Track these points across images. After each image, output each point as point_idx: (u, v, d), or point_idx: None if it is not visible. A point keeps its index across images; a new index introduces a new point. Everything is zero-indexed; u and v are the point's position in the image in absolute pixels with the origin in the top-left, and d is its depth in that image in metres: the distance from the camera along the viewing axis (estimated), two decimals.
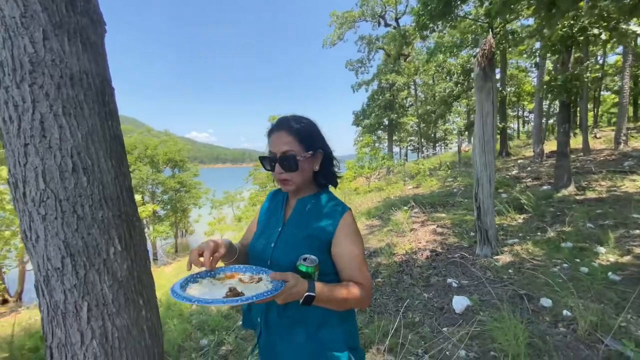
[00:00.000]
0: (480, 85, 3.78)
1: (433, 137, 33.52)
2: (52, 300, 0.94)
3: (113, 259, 1.00)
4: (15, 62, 0.85)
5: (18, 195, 0.91)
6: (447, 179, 11.84)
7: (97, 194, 0.97)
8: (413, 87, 27.34)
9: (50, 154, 0.89)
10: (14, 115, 0.87)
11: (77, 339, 0.95)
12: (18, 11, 0.85)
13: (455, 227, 5.55)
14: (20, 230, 0.96)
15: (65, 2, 0.92)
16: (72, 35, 0.93)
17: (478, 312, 2.57)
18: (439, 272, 3.63)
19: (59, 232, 0.91)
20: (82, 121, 0.94)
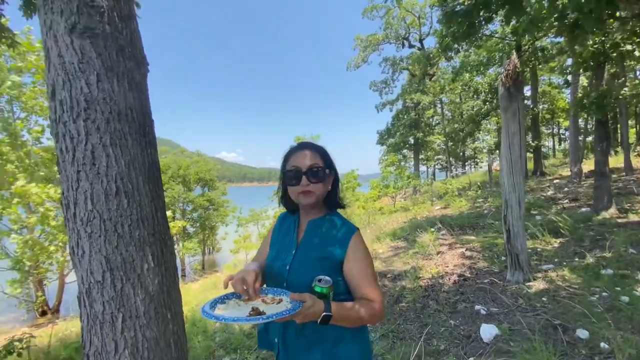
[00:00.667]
0: (506, 105, 3.73)
1: (462, 156, 32.66)
2: (92, 310, 1.04)
3: (146, 274, 1.10)
4: (73, 100, 1.00)
5: (69, 215, 1.04)
6: (477, 200, 11.42)
7: (135, 214, 1.08)
8: (439, 105, 27.07)
9: (98, 179, 1.02)
10: (70, 146, 1.01)
11: (112, 347, 1.04)
12: (76, 57, 1.01)
13: (485, 250, 5.32)
14: (69, 246, 1.09)
15: (116, 49, 1.08)
16: (121, 77, 1.08)
17: (508, 342, 2.43)
18: (467, 298, 3.48)
19: (102, 248, 1.03)
20: (125, 150, 1.07)
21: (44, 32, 1.02)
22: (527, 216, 6.86)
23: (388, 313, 3.41)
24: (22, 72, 10.69)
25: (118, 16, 1.09)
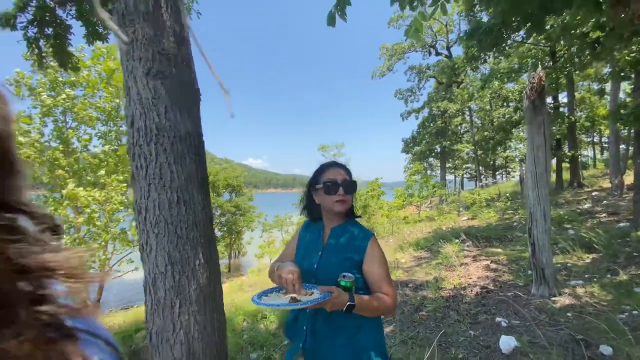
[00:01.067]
0: (530, 118, 3.74)
1: (492, 165, 31.49)
2: (156, 296, 1.29)
3: (198, 269, 1.33)
4: (147, 128, 1.27)
5: (141, 219, 1.30)
6: (507, 211, 11.06)
7: (191, 219, 1.32)
8: (468, 113, 26.44)
9: (164, 191, 1.27)
10: (144, 164, 1.27)
11: (170, 327, 1.28)
12: (150, 94, 1.28)
13: (511, 263, 5.22)
14: (139, 243, 1.35)
15: (179, 86, 1.34)
16: (182, 108, 1.33)
17: (527, 355, 2.46)
18: (488, 310, 3.49)
19: (165, 246, 1.27)
20: (185, 167, 1.32)
21: (126, 75, 1.30)
22: (559, 230, 6.63)
23: (408, 321, 3.49)
24: (75, 86, 11.81)
25: (180, 60, 1.35)
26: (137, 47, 1.25)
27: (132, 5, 1.25)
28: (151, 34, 1.26)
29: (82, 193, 10.12)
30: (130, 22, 1.25)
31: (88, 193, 10.24)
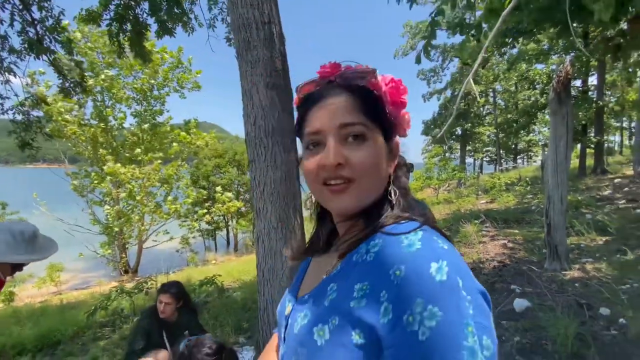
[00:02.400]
0: (555, 109, 4.03)
1: (514, 149, 30.95)
2: (269, 244, 1.84)
3: (296, 227, 1.87)
4: (267, 126, 1.77)
5: (259, 190, 1.83)
6: (526, 196, 11.26)
7: (292, 192, 1.84)
8: (492, 94, 25.83)
9: (277, 170, 1.79)
10: (263, 152, 1.78)
11: (279, 267, 1.83)
12: (269, 101, 1.77)
13: (528, 243, 5.62)
14: (256, 208, 1.88)
15: (286, 95, 1.82)
16: (287, 111, 1.82)
17: (537, 313, 2.95)
18: (504, 280, 3.97)
19: (277, 209, 1.80)
20: (288, 154, 1.82)
21: (249, 86, 1.79)
22: (576, 214, 6.92)
23: None
24: (112, 66, 12.45)
25: (286, 73, 1.83)
26: (259, 65, 1.73)
27: (255, 34, 1.72)
28: (268, 56, 1.74)
29: (121, 170, 10.99)
30: (254, 47, 1.73)
31: (127, 170, 11.10)
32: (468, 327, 0.40)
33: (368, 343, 0.44)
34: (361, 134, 0.52)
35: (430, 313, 0.40)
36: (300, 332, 0.52)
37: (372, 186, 0.54)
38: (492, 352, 0.42)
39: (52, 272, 11.10)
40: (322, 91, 0.55)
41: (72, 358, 3.32)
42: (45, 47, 3.56)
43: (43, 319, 4.82)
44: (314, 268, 0.65)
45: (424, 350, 0.39)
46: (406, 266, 0.44)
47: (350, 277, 0.50)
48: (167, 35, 4.00)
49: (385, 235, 0.50)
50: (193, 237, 15.44)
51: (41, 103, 5.02)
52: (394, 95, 0.56)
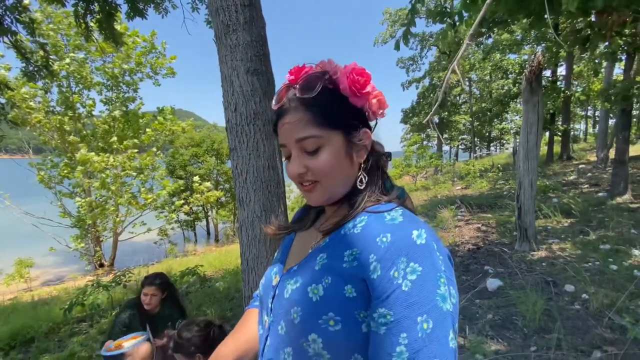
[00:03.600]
0: (527, 98, 4.20)
1: (487, 137, 32.05)
2: (252, 233, 1.83)
3: (280, 215, 1.87)
4: (248, 112, 1.74)
5: (241, 179, 1.81)
6: (498, 182, 11.76)
7: (276, 180, 1.83)
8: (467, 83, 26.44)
9: (259, 158, 1.77)
10: (245, 139, 1.75)
11: (263, 254, 1.84)
12: (249, 87, 1.73)
13: (500, 226, 5.91)
14: (238, 197, 1.86)
15: (267, 80, 1.79)
16: (269, 96, 1.79)
17: (507, 291, 3.14)
18: (478, 262, 4.17)
19: (260, 198, 1.79)
20: (272, 142, 1.80)
21: (229, 72, 1.74)
22: (544, 198, 7.32)
23: None
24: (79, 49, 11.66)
25: (267, 59, 1.79)
26: (238, 50, 1.69)
27: (234, 17, 1.67)
28: (248, 40, 1.69)
29: (95, 158, 10.48)
30: (234, 31, 1.67)
31: (101, 158, 10.60)
32: (441, 279, 0.50)
33: (359, 295, 0.53)
34: (315, 144, 0.59)
35: (412, 269, 0.50)
36: (293, 295, 0.59)
37: (335, 183, 0.62)
38: (457, 300, 0.53)
39: (20, 268, 10.56)
40: (283, 109, 0.61)
41: (48, 355, 3.21)
42: (6, 28, 3.29)
43: (14, 316, 4.61)
44: (298, 244, 0.72)
45: (407, 298, 0.49)
46: (392, 234, 0.53)
47: (339, 247, 0.58)
48: (138, 17, 3.79)
49: (370, 213, 0.59)
50: (172, 229, 15.09)
51: (4, 89, 4.65)
52: (355, 88, 0.59)
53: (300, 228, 0.74)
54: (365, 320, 0.52)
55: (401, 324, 0.48)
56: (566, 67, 15.56)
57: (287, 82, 0.63)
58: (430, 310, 0.48)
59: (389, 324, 0.49)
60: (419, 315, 0.48)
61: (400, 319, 0.48)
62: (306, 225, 0.73)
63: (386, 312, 0.49)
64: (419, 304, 0.48)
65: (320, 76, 0.60)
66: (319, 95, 0.58)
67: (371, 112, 0.63)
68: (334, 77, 0.60)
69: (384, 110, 0.65)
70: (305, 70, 0.62)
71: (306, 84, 0.59)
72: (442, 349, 0.47)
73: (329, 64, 0.62)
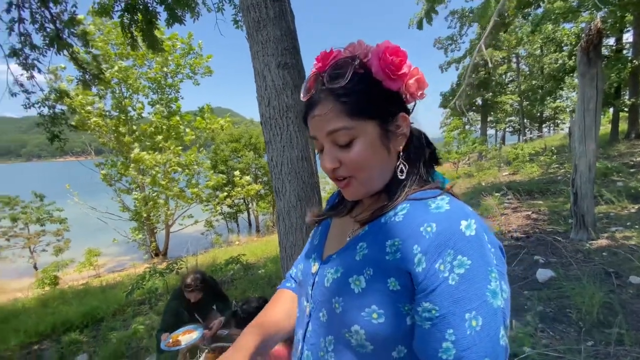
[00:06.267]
0: (583, 71, 3.79)
1: (539, 117, 29.46)
2: (289, 222, 1.89)
3: (315, 204, 1.91)
4: (281, 106, 1.78)
5: (277, 171, 1.87)
6: (552, 165, 10.83)
7: (309, 171, 1.87)
8: (515, 60, 24.40)
9: (293, 150, 1.81)
10: (278, 132, 1.80)
11: (300, 242, 1.89)
12: (281, 81, 1.77)
13: (553, 214, 5.47)
14: (274, 188, 1.93)
15: (297, 73, 1.81)
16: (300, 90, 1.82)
17: (561, 282, 2.92)
18: (528, 251, 3.91)
19: (295, 188, 1.84)
20: (304, 133, 1.84)
21: (261, 67, 1.79)
22: (606, 182, 6.62)
23: None
24: (125, 57, 12.60)
25: (297, 52, 1.81)
26: (269, 45, 1.73)
27: (264, 13, 1.70)
28: (278, 35, 1.72)
29: (146, 156, 11.37)
30: (264, 26, 1.71)
31: (151, 156, 11.47)
32: (492, 274, 0.48)
33: (402, 289, 0.51)
34: (347, 137, 0.55)
35: (460, 262, 0.47)
36: (333, 285, 0.58)
37: (372, 176, 0.58)
38: (508, 295, 0.50)
39: (90, 257, 11.88)
40: (312, 100, 0.58)
41: (115, 332, 3.61)
42: (64, 42, 3.66)
43: (86, 299, 5.24)
44: (335, 232, 0.70)
45: (454, 293, 0.46)
46: (437, 224, 0.50)
47: (379, 236, 0.55)
48: (176, 23, 4.00)
49: (412, 201, 0.56)
50: (216, 220, 15.98)
51: (64, 97, 5.20)
52: (389, 71, 0.55)
53: (337, 214, 0.72)
54: (409, 313, 0.51)
55: (447, 320, 0.46)
56: (634, 34, 13.69)
57: (315, 70, 0.59)
58: (480, 307, 0.46)
59: (434, 319, 0.47)
60: (467, 311, 0.46)
61: (446, 315, 0.46)
62: (343, 212, 0.71)
63: (431, 306, 0.47)
64: (467, 299, 0.46)
65: (350, 61, 0.55)
66: (349, 83, 0.54)
67: (409, 95, 0.58)
68: (364, 61, 0.56)
69: (423, 91, 0.59)
70: (333, 55, 0.57)
71: (334, 72, 0.55)
72: (493, 347, 0.45)
73: (359, 45, 0.57)
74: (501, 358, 0.46)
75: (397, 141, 0.59)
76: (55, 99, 4.97)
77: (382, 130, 0.57)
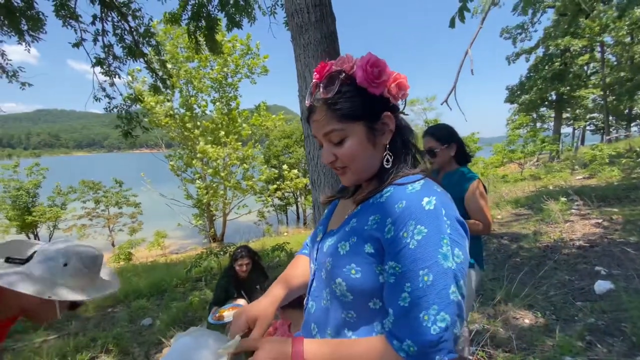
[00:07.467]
0: None
1: (627, 114, 25.49)
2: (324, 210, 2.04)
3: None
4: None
5: (313, 164, 2.03)
6: (635, 170, 9.41)
7: None
8: (598, 49, 21.37)
9: None
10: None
11: None
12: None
13: (629, 223, 4.84)
14: (311, 179, 2.09)
15: None
16: None
17: (620, 296, 2.64)
18: (589, 262, 3.56)
19: (329, 180, 1.99)
20: None
21: (302, 69, 1.95)
22: None
23: (500, 265, 3.83)
24: (190, 60, 13.82)
25: (336, 53, 1.94)
26: (310, 48, 1.88)
27: (306, 18, 1.86)
28: (319, 37, 1.87)
29: (210, 149, 12.47)
30: (306, 30, 1.87)
31: (214, 150, 12.55)
32: (444, 240, 0.59)
33: (375, 252, 0.65)
34: (339, 136, 0.69)
35: (419, 230, 0.59)
36: (329, 249, 0.74)
37: (362, 166, 0.72)
38: (462, 260, 0.61)
39: (158, 238, 13.41)
40: (312, 106, 0.71)
41: (176, 302, 4.14)
42: (140, 51, 4.24)
43: (153, 273, 6.02)
44: (339, 210, 0.87)
45: (412, 254, 0.59)
46: (406, 201, 0.63)
47: (366, 213, 0.70)
48: (235, 28, 4.37)
49: (396, 185, 0.69)
50: (268, 211, 16.85)
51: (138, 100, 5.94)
52: (369, 79, 0.66)
53: (343, 197, 0.89)
54: (382, 273, 0.64)
55: (406, 275, 0.58)
56: None
57: (315, 80, 0.71)
58: (432, 266, 0.57)
59: (397, 275, 0.60)
60: (421, 269, 0.57)
61: (405, 272, 0.59)
62: (347, 195, 0.87)
63: (395, 264, 0.60)
64: (422, 260, 0.58)
65: (337, 75, 0.67)
66: (337, 94, 0.66)
67: (392, 97, 0.69)
68: (349, 73, 0.67)
69: (405, 92, 0.71)
70: (326, 69, 0.69)
71: (326, 84, 0.68)
72: (442, 298, 0.56)
73: (346, 59, 0.69)
74: (450, 309, 0.57)
75: (383, 136, 0.72)
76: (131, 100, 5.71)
77: (368, 129, 0.69)
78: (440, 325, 0.55)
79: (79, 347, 3.03)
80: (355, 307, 0.68)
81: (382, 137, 0.71)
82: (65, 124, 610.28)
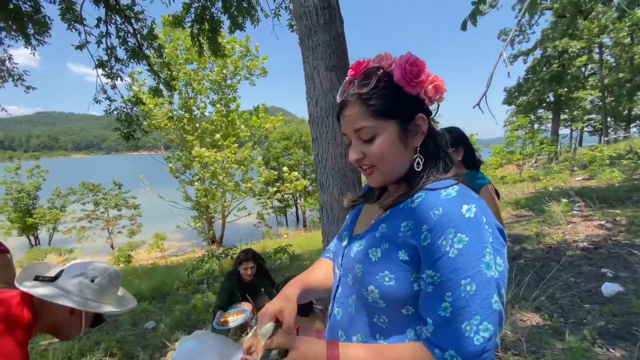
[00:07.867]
0: None
1: (626, 115, 25.61)
2: (332, 213, 2.02)
3: None
4: (327, 106, 1.91)
5: (322, 165, 2.01)
6: (637, 170, 9.44)
7: (351, 166, 1.97)
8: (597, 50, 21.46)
9: (337, 147, 1.93)
10: (325, 130, 1.94)
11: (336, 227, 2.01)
12: (328, 83, 1.90)
13: (633, 225, 4.84)
14: (319, 181, 2.07)
15: (343, 74, 1.92)
16: None
17: (629, 298, 2.63)
18: (594, 264, 3.55)
19: (337, 182, 1.97)
20: None
21: (311, 70, 1.94)
22: None
23: None
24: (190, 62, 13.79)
25: (344, 54, 1.92)
26: (318, 50, 1.87)
27: (315, 20, 1.85)
28: (327, 39, 1.85)
29: (206, 153, 12.44)
30: (315, 32, 1.86)
31: (211, 153, 12.51)
32: (486, 249, 0.57)
33: (410, 259, 0.62)
34: (370, 134, 0.66)
35: (459, 238, 0.57)
36: (357, 255, 0.71)
37: (390, 166, 0.69)
38: (503, 269, 0.59)
39: (157, 240, 13.34)
40: (345, 102, 0.70)
41: (178, 305, 4.10)
42: (143, 53, 4.23)
43: (154, 275, 5.97)
44: (364, 214, 0.83)
45: (452, 263, 0.57)
46: (443, 207, 0.60)
47: (397, 219, 0.67)
48: (238, 30, 4.35)
49: (427, 190, 0.66)
50: (267, 213, 16.80)
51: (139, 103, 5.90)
52: (407, 78, 0.64)
53: (367, 201, 0.85)
54: (416, 280, 0.62)
55: (447, 285, 0.56)
56: None
57: (349, 77, 0.70)
58: (475, 275, 0.55)
59: (436, 284, 0.58)
60: (463, 278, 0.55)
61: (445, 281, 0.57)
62: (372, 200, 0.84)
63: (433, 274, 0.58)
64: (463, 269, 0.56)
65: (375, 71, 0.66)
66: (373, 89, 0.65)
67: (428, 99, 0.68)
68: (388, 70, 0.66)
69: (442, 95, 0.69)
70: (363, 65, 0.68)
71: (362, 79, 0.66)
72: (485, 308, 0.55)
73: (385, 57, 0.68)
74: (492, 319, 0.55)
75: (415, 138, 0.69)
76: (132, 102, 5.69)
77: (401, 129, 0.67)
78: (483, 335, 0.54)
79: (83, 351, 3.00)
80: (388, 313, 0.66)
81: (414, 138, 0.69)
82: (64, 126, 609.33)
